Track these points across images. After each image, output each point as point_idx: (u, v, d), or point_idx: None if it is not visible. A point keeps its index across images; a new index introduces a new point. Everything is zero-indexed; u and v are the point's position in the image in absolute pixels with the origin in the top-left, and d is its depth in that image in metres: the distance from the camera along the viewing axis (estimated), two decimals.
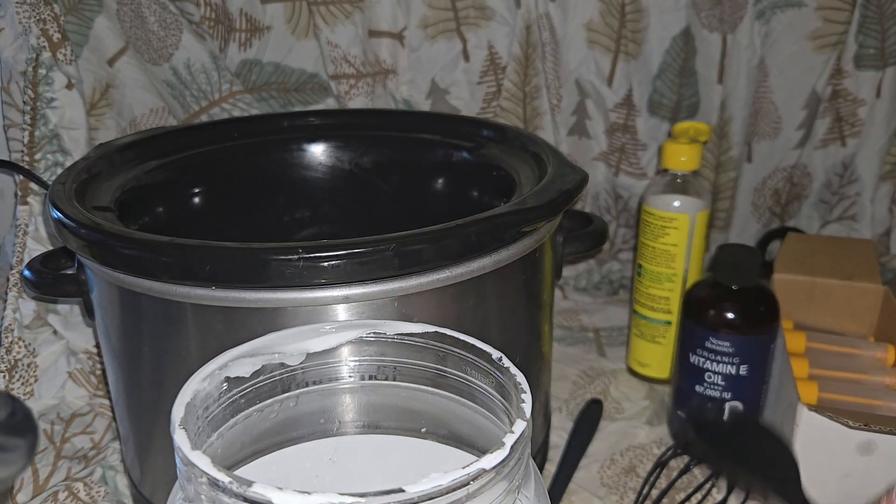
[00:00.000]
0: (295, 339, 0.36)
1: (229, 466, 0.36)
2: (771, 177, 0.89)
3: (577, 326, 0.81)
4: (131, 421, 0.50)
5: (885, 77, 0.84)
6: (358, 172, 0.65)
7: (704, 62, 0.82)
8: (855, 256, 0.70)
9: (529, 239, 0.46)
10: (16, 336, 0.63)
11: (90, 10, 0.69)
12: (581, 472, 0.59)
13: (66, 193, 0.47)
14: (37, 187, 0.65)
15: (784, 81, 0.84)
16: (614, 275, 0.89)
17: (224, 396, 0.34)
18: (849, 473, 0.50)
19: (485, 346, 0.34)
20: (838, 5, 0.80)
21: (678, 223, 0.65)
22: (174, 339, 0.43)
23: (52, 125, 0.65)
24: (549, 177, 0.50)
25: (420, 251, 0.40)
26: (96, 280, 0.47)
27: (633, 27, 0.80)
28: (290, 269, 0.38)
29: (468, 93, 0.81)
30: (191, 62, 0.74)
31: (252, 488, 0.25)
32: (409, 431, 0.39)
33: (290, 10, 0.76)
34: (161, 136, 0.60)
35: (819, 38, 0.82)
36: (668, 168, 0.66)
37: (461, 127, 0.64)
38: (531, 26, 0.79)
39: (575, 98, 0.83)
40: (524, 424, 0.28)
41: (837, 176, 0.90)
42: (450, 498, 0.26)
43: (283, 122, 0.67)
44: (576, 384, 0.71)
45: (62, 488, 0.55)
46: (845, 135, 0.87)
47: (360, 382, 0.38)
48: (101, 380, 0.66)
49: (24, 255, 0.65)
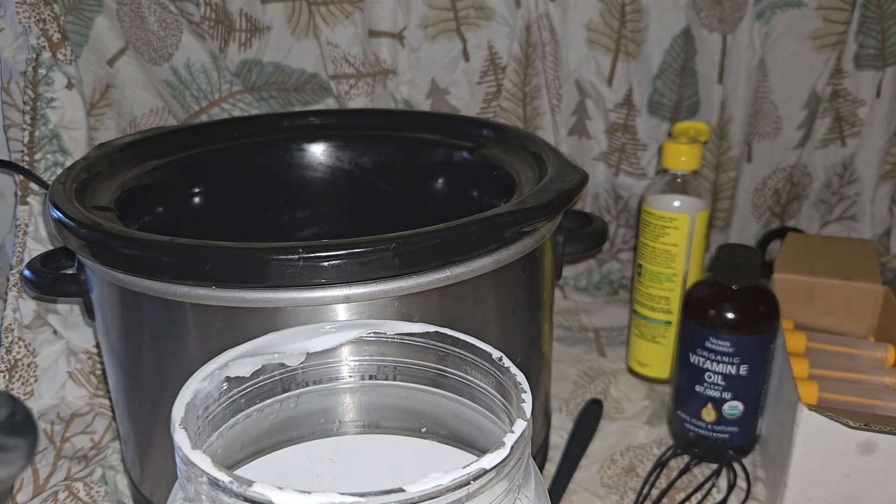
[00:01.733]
0: (295, 338, 0.36)
1: (229, 466, 0.36)
2: (771, 177, 0.89)
3: (577, 326, 0.81)
4: (131, 421, 0.50)
5: (885, 77, 0.84)
6: (358, 172, 0.65)
7: (704, 62, 0.82)
8: (855, 256, 0.70)
9: (529, 239, 0.46)
10: (16, 336, 0.63)
11: (90, 10, 0.69)
12: (581, 472, 0.59)
13: (66, 193, 0.47)
14: (37, 187, 0.65)
15: (784, 81, 0.84)
16: (614, 275, 0.89)
17: (224, 396, 0.34)
18: (849, 473, 0.50)
19: (485, 346, 0.34)
20: (838, 5, 0.80)
21: (678, 223, 0.65)
22: (174, 339, 0.43)
23: (52, 125, 0.65)
24: (549, 177, 0.50)
25: (420, 251, 0.40)
26: (96, 280, 0.47)
27: (633, 27, 0.80)
28: (291, 269, 0.38)
29: (468, 93, 0.81)
30: (191, 62, 0.74)
31: (252, 488, 0.25)
32: (410, 431, 0.39)
33: (290, 10, 0.76)
34: (161, 136, 0.60)
35: (819, 38, 0.82)
36: (668, 168, 0.66)
37: (461, 127, 0.64)
38: (531, 26, 0.79)
39: (575, 98, 0.83)
40: (524, 424, 0.28)
41: (837, 176, 0.90)
42: (450, 498, 0.26)
43: (283, 122, 0.67)
44: (576, 384, 0.71)
45: (62, 488, 0.55)
46: (845, 135, 0.87)
47: (361, 382, 0.38)
48: (101, 380, 0.66)
49: (24, 255, 0.65)
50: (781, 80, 0.84)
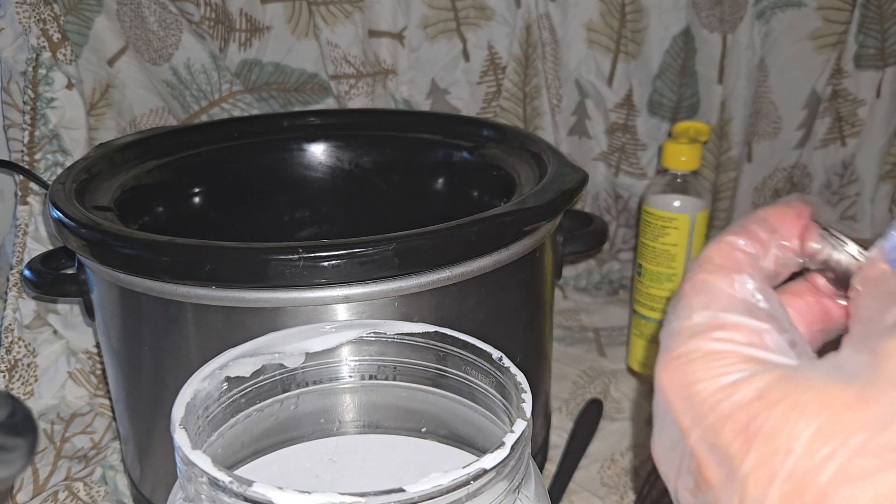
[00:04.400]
0: (295, 338, 0.36)
1: (229, 466, 0.36)
2: (771, 177, 0.89)
3: (577, 326, 0.81)
4: (131, 421, 0.50)
5: (885, 77, 0.84)
6: (358, 172, 0.65)
7: (704, 62, 0.82)
8: None
9: (529, 239, 0.46)
10: (16, 336, 0.63)
11: (90, 10, 0.69)
12: (581, 472, 0.59)
13: (66, 193, 0.47)
14: (37, 187, 0.65)
15: (784, 81, 0.84)
16: (614, 275, 0.89)
17: (224, 396, 0.34)
18: None
19: (485, 346, 0.34)
20: (838, 5, 0.80)
21: (678, 223, 0.65)
22: (174, 338, 0.43)
23: (52, 125, 0.65)
24: (549, 177, 0.50)
25: (420, 251, 0.40)
26: (96, 280, 0.47)
27: (633, 27, 0.80)
28: (291, 269, 0.38)
29: (468, 93, 0.81)
30: (191, 62, 0.74)
31: (252, 488, 0.25)
32: (410, 431, 0.39)
33: (290, 10, 0.76)
34: (161, 136, 0.60)
35: (819, 38, 0.82)
36: (668, 168, 0.66)
37: (461, 127, 0.64)
38: (531, 26, 0.79)
39: (575, 98, 0.83)
40: (524, 424, 0.28)
41: (837, 176, 0.90)
42: (450, 498, 0.26)
43: (283, 122, 0.67)
44: (576, 384, 0.71)
45: (62, 488, 0.55)
46: (845, 135, 0.87)
47: (361, 382, 0.38)
48: (101, 380, 0.66)
49: (24, 255, 0.65)
50: (781, 80, 0.84)
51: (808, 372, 0.18)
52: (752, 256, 0.23)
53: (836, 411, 0.17)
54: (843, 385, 0.17)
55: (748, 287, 0.22)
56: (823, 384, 0.18)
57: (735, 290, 0.21)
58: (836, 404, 0.17)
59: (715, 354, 0.20)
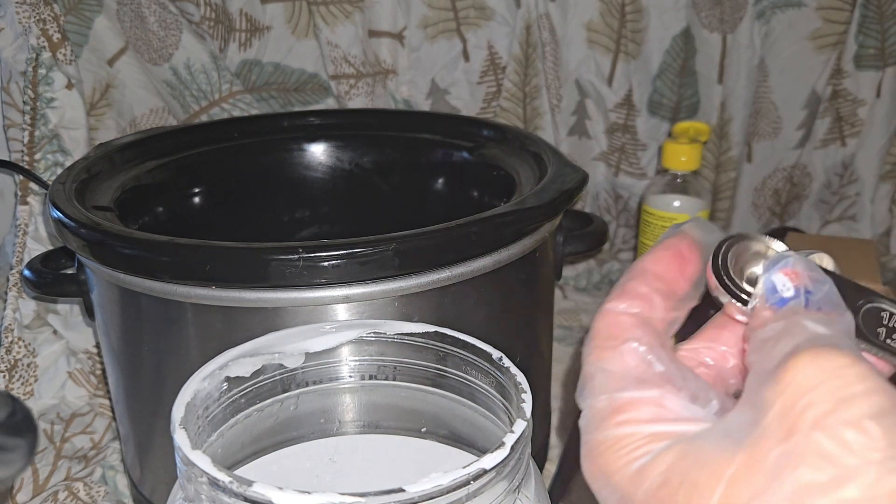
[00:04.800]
0: (295, 338, 0.36)
1: (229, 466, 0.36)
2: (771, 177, 0.89)
3: (577, 326, 0.81)
4: (131, 421, 0.50)
5: (885, 77, 0.84)
6: (358, 172, 0.65)
7: (704, 62, 0.82)
8: (855, 256, 0.70)
9: (529, 239, 0.46)
10: (16, 336, 0.63)
11: (90, 10, 0.69)
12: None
13: (66, 193, 0.47)
14: (37, 187, 0.65)
15: (784, 81, 0.84)
16: (614, 275, 0.89)
17: (224, 396, 0.34)
18: None
19: (485, 346, 0.34)
20: (838, 5, 0.80)
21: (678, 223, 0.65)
22: (174, 338, 0.43)
23: (52, 125, 0.65)
24: (549, 177, 0.50)
25: (420, 251, 0.40)
26: (96, 280, 0.47)
27: (633, 27, 0.80)
28: (291, 269, 0.38)
29: (468, 93, 0.81)
30: (191, 62, 0.74)
31: (252, 488, 0.25)
32: (409, 431, 0.39)
33: (290, 10, 0.76)
34: (161, 136, 0.60)
35: (819, 38, 0.82)
36: (668, 168, 0.66)
37: (461, 127, 0.64)
38: (531, 26, 0.79)
39: (575, 98, 0.83)
40: (524, 424, 0.28)
41: (837, 176, 0.90)
42: (450, 498, 0.26)
43: (283, 122, 0.67)
44: None
45: (62, 488, 0.55)
46: (845, 135, 0.87)
47: (361, 382, 0.38)
48: (101, 380, 0.66)
49: (24, 255, 0.65)
50: (781, 80, 0.84)
51: (703, 443, 0.19)
52: (636, 317, 0.22)
53: (729, 486, 0.18)
54: (730, 454, 0.18)
55: (639, 352, 0.21)
56: (715, 458, 0.18)
57: (626, 360, 0.21)
58: (728, 477, 0.18)
59: (621, 441, 0.21)
